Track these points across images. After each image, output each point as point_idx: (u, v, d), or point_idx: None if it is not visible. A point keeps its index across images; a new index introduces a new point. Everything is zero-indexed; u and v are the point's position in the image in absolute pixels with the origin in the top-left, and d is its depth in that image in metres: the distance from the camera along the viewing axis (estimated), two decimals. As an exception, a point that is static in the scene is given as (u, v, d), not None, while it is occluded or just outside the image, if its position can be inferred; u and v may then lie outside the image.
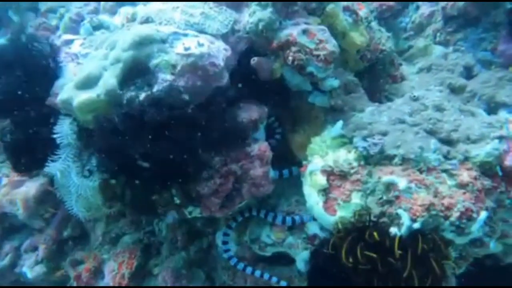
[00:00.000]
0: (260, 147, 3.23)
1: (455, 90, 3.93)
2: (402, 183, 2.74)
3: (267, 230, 3.37)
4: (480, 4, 4.17)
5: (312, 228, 3.15)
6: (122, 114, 2.62)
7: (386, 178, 2.82)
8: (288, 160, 3.51)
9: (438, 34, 4.44)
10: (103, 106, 2.66)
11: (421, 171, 2.78)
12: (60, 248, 4.53)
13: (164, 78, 2.81)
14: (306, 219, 3.28)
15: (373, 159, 3.02)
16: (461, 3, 4.30)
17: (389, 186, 2.80)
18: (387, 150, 2.97)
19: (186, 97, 2.77)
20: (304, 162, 3.48)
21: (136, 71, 2.89)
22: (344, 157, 3.05)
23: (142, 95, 2.73)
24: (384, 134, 3.09)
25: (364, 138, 3.08)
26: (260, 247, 3.35)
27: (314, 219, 3.12)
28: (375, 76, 3.75)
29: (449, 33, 4.37)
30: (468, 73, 4.17)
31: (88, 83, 2.70)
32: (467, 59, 4.20)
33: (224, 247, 3.41)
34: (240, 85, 3.34)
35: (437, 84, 3.94)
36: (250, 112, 3.33)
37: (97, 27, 3.51)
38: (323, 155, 3.24)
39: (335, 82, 3.31)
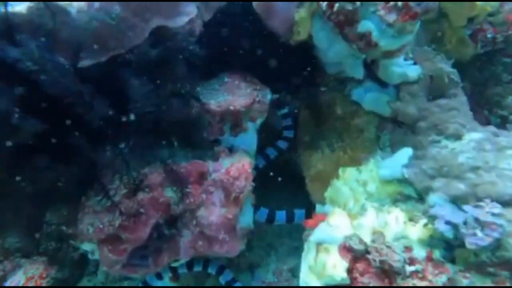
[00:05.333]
0: (232, 166, 1.60)
1: None
2: None
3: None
4: None
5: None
6: None
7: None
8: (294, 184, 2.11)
9: None
10: None
11: None
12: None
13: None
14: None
15: (466, 255, 1.28)
16: None
17: None
18: (509, 247, 1.21)
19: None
20: (317, 208, 1.84)
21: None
22: (399, 229, 1.36)
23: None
24: (507, 203, 1.32)
25: (457, 203, 1.34)
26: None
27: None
28: (490, 75, 1.94)
29: None
30: None
31: None
32: None
33: None
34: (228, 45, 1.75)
35: None
36: (232, 95, 1.71)
37: None
38: (354, 210, 1.56)
39: (412, 71, 1.59)
